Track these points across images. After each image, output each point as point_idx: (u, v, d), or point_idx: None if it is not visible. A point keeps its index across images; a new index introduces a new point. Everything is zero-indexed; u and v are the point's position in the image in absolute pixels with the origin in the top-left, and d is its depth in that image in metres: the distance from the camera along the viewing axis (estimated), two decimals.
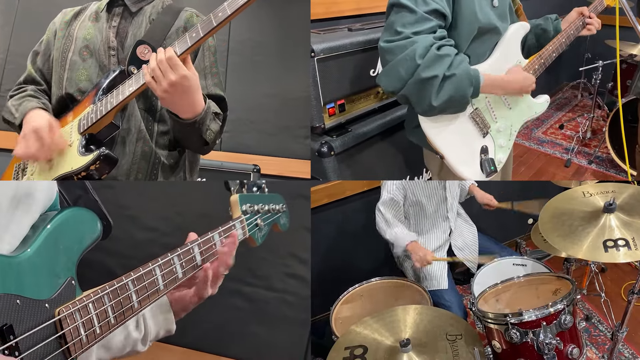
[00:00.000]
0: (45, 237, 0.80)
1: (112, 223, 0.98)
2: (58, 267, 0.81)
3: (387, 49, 1.50)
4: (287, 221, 1.44)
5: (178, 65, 1.20)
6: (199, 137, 1.39)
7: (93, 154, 1.28)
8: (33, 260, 0.77)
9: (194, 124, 1.32)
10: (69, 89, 1.44)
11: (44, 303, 0.77)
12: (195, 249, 1.06)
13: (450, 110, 1.56)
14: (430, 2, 1.47)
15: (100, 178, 1.30)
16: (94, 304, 0.83)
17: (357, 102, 2.13)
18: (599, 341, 2.47)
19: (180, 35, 1.27)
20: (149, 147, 1.43)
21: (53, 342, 0.77)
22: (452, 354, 1.51)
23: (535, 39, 1.91)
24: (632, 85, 3.11)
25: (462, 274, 2.25)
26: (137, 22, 1.46)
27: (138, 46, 1.38)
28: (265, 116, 2.85)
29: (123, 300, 0.88)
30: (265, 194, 1.37)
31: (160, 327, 1.08)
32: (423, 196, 2.15)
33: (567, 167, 3.62)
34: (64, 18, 1.54)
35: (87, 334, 0.81)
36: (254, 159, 2.72)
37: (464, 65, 1.50)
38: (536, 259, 2.04)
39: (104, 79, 1.38)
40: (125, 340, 1.03)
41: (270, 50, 2.84)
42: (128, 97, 1.29)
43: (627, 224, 1.58)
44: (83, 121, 1.34)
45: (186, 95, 1.25)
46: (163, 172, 1.46)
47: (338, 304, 2.04)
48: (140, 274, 0.92)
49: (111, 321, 0.85)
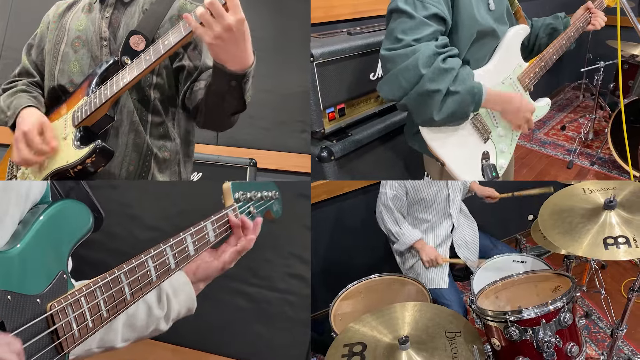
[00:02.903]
0: (36, 231, 0.79)
1: (103, 215, 0.97)
2: (49, 261, 0.81)
3: (388, 57, 1.48)
4: (280, 208, 1.43)
5: (237, 7, 1.11)
6: (239, 98, 1.30)
7: (89, 146, 1.27)
8: (23, 255, 0.76)
9: (243, 77, 1.23)
10: (61, 80, 1.43)
11: (35, 298, 0.76)
12: (188, 239, 1.06)
13: (450, 123, 1.55)
14: (429, 7, 1.46)
15: (95, 171, 1.29)
16: (86, 298, 0.82)
17: (357, 106, 2.12)
18: (599, 338, 2.46)
19: (175, 24, 1.25)
20: (141, 138, 1.41)
21: (45, 338, 0.76)
22: (451, 352, 1.50)
23: (547, 39, 1.90)
24: (634, 86, 3.10)
25: (461, 270, 2.25)
26: (130, 12, 1.45)
27: (131, 36, 1.37)
28: (262, 110, 2.83)
29: (115, 293, 0.87)
30: (257, 182, 1.36)
31: (182, 305, 1.10)
32: (425, 192, 2.14)
33: (570, 168, 3.61)
34: (57, 10, 1.53)
35: (80, 328, 0.81)
36: (251, 153, 2.71)
37: (469, 81, 1.49)
38: (536, 256, 2.04)
39: (97, 70, 1.37)
40: (149, 317, 1.04)
41: (268, 45, 2.82)
42: (123, 87, 1.27)
43: (627, 221, 1.57)
44: (77, 113, 1.33)
45: (243, 41, 1.15)
46: (156, 164, 1.45)
47: (337, 301, 2.04)
48: (133, 266, 0.92)
49: (104, 314, 0.85)
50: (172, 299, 1.08)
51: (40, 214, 0.81)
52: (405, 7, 1.46)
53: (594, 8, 1.90)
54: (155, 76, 1.43)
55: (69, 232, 0.85)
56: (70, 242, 0.85)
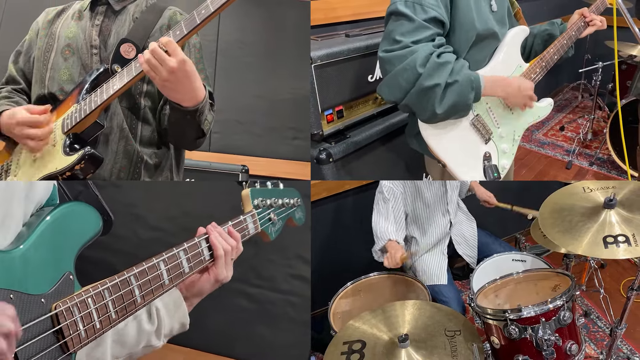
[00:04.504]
0: (42, 232, 0.80)
1: (113, 218, 0.97)
2: (55, 262, 0.81)
3: (386, 58, 1.49)
4: (303, 215, 1.42)
5: (176, 49, 1.16)
6: (197, 128, 1.36)
7: (78, 153, 1.27)
8: (28, 255, 0.77)
9: (196, 112, 1.29)
10: (52, 88, 1.43)
11: (39, 298, 0.76)
12: (203, 244, 1.06)
13: (453, 116, 1.55)
14: (429, 10, 1.46)
15: (84, 178, 1.28)
16: (93, 299, 0.82)
17: (356, 108, 2.12)
18: (598, 337, 2.47)
19: (165, 33, 1.26)
20: (131, 146, 1.42)
21: (50, 337, 0.76)
22: (451, 350, 1.51)
23: (542, 45, 1.90)
24: (632, 86, 3.10)
25: (461, 269, 2.25)
26: (121, 20, 1.46)
27: (122, 44, 1.37)
28: (254, 117, 2.84)
29: (125, 294, 0.87)
30: (279, 189, 1.36)
31: (174, 320, 1.07)
32: (423, 190, 2.15)
33: (569, 169, 3.61)
34: (47, 17, 1.53)
35: (87, 328, 0.81)
36: (243, 160, 2.71)
37: (465, 71, 1.49)
38: (535, 255, 2.04)
39: (87, 78, 1.37)
40: (139, 333, 1.01)
41: (259, 51, 2.82)
42: (113, 95, 1.27)
43: (627, 220, 1.58)
44: (67, 120, 1.33)
45: (188, 80, 1.21)
46: (147, 171, 1.45)
47: (336, 299, 2.04)
48: (143, 269, 0.92)
49: (112, 316, 0.85)
50: (164, 314, 1.05)
51: (46, 215, 0.82)
52: (404, 9, 1.46)
53: (588, 13, 1.90)
54: (145, 84, 1.44)
55: (76, 234, 0.85)
56: (78, 243, 0.85)
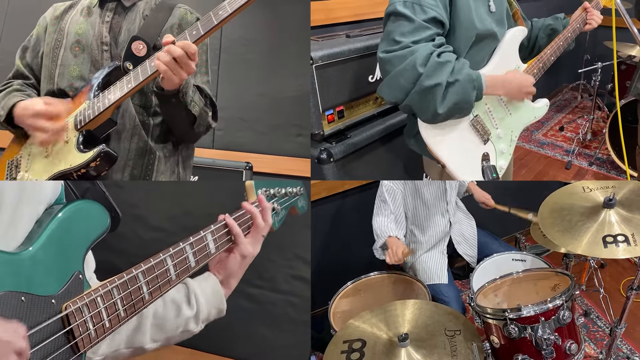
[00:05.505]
0: (51, 232, 0.80)
1: (120, 215, 0.98)
2: (64, 261, 0.81)
3: (386, 59, 1.48)
4: (306, 204, 1.43)
5: (195, 53, 1.22)
6: (186, 110, 1.38)
7: (93, 150, 1.27)
8: (38, 256, 0.77)
9: (179, 94, 1.32)
10: (61, 84, 1.43)
11: (50, 299, 0.76)
12: (209, 237, 1.06)
13: (455, 115, 1.55)
14: (428, 11, 1.46)
15: (98, 175, 1.29)
16: (103, 298, 0.82)
17: (356, 108, 2.13)
18: (598, 337, 2.48)
19: (175, 31, 1.29)
20: (144, 142, 1.43)
21: (61, 338, 0.76)
22: (451, 349, 1.51)
23: (547, 39, 1.91)
24: (631, 87, 3.11)
25: (461, 268, 2.26)
26: (131, 17, 1.46)
27: (133, 42, 1.37)
28: (258, 114, 2.84)
29: (133, 292, 0.87)
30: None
31: (212, 306, 1.08)
32: (422, 191, 2.15)
33: (568, 169, 3.62)
34: (55, 13, 1.53)
35: (96, 328, 0.81)
36: (247, 157, 2.71)
37: (466, 69, 1.49)
38: (535, 254, 2.04)
39: (99, 75, 1.37)
40: (178, 318, 1.02)
41: (263, 49, 2.83)
42: (127, 92, 1.28)
43: (626, 220, 1.58)
44: (79, 117, 1.33)
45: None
46: (159, 167, 1.46)
47: (336, 298, 2.04)
48: (151, 265, 0.92)
49: (121, 314, 0.85)
50: (201, 300, 1.06)
51: (56, 214, 0.81)
52: (404, 10, 1.46)
53: (591, 7, 1.92)
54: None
55: (85, 232, 0.85)
56: (87, 242, 0.85)
